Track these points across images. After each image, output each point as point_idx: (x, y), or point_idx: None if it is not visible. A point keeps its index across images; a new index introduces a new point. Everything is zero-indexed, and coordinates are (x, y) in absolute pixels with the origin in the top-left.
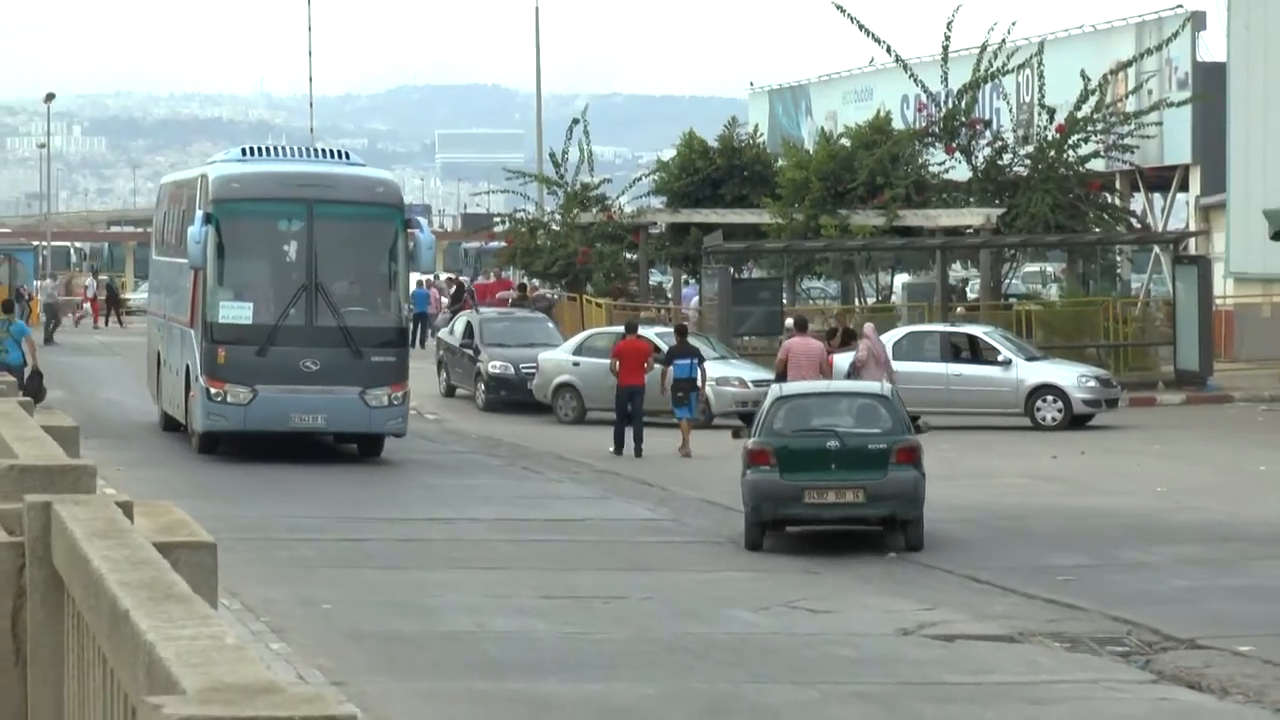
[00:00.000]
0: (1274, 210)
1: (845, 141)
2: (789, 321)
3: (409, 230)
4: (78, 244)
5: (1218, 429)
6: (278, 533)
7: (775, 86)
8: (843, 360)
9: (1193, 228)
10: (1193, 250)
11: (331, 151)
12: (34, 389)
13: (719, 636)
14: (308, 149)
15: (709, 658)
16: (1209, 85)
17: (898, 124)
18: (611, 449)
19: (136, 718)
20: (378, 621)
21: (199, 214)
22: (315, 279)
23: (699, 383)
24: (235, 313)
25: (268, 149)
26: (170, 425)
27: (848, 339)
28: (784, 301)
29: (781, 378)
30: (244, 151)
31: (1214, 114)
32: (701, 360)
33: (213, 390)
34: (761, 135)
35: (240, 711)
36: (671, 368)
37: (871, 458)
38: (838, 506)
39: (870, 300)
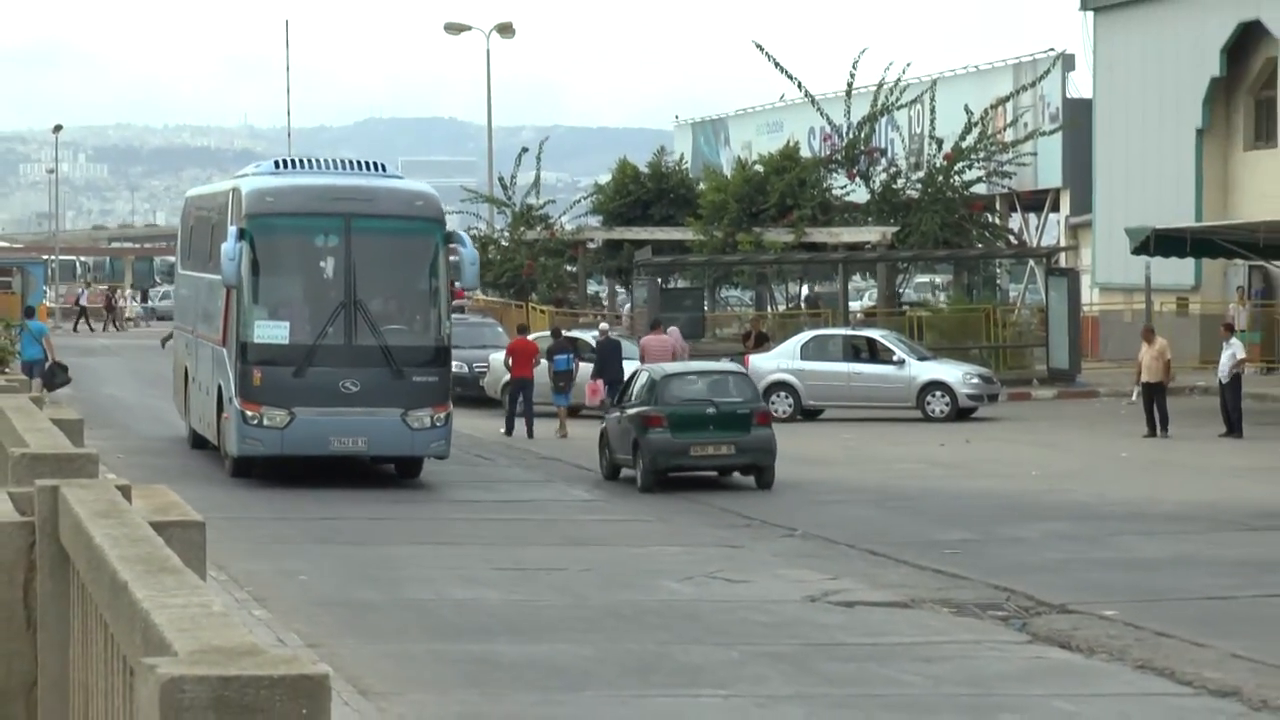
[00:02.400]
0: (1134, 228)
1: (759, 168)
2: (669, 325)
3: (450, 245)
4: (83, 258)
5: (1085, 420)
6: (260, 513)
7: (698, 119)
8: (759, 360)
9: (1063, 244)
10: (1063, 263)
11: (367, 163)
12: (53, 377)
13: (648, 603)
14: (342, 161)
15: (640, 622)
16: (1077, 118)
17: (805, 152)
18: (503, 430)
19: (134, 677)
20: (348, 591)
21: (232, 229)
22: (354, 296)
23: (574, 375)
24: (271, 332)
25: (301, 161)
26: (199, 443)
27: (760, 341)
28: (705, 308)
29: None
30: (276, 164)
31: (1081, 143)
32: (578, 356)
33: (248, 413)
34: (686, 162)
35: (226, 671)
36: (553, 361)
37: (738, 420)
38: (715, 457)
39: (780, 307)
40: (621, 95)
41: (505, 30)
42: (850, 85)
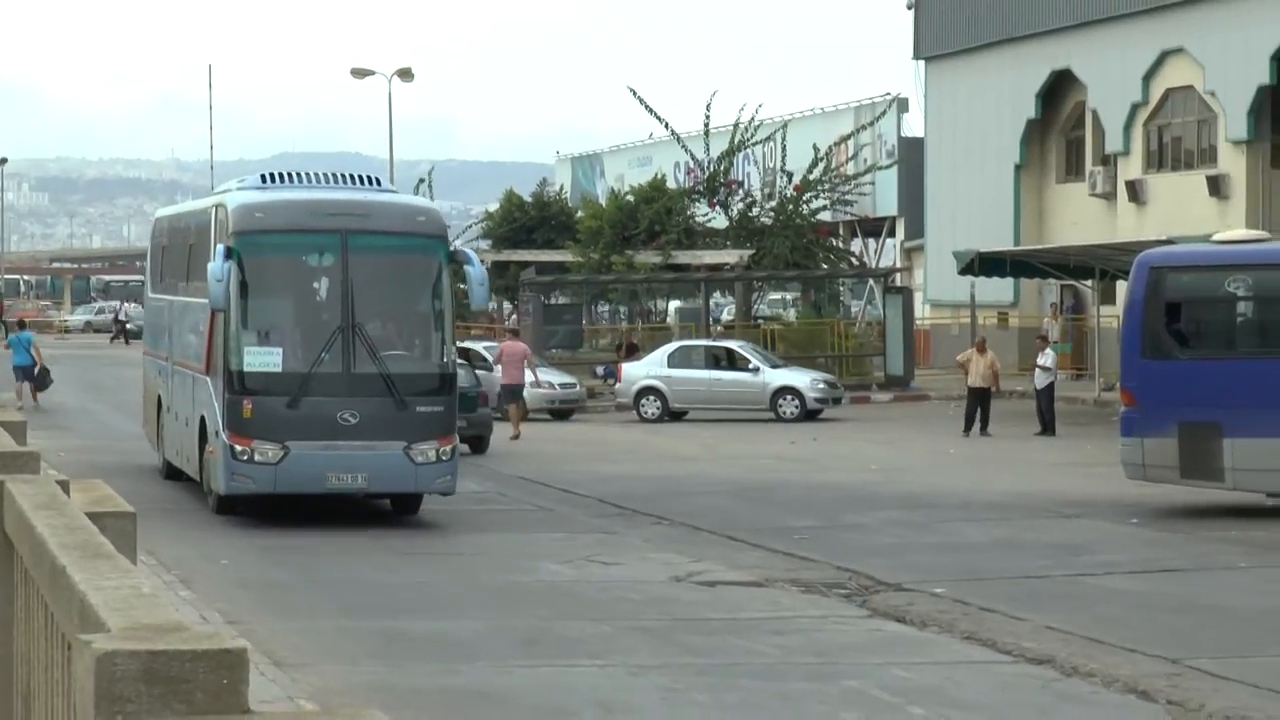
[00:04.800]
0: (960, 251)
1: (630, 198)
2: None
3: (455, 264)
4: (26, 277)
5: (918, 421)
6: (187, 504)
7: (576, 155)
8: (631, 368)
9: (898, 265)
10: (898, 282)
11: (360, 177)
12: (43, 380)
13: (532, 584)
14: (332, 174)
15: (525, 600)
16: (910, 154)
17: (671, 184)
18: None
19: (72, 651)
20: (265, 573)
21: (219, 248)
22: (352, 319)
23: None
24: (263, 359)
25: (288, 175)
26: (173, 474)
27: (632, 351)
28: (583, 322)
29: (498, 364)
30: (263, 178)
31: (914, 176)
32: (472, 365)
33: (237, 447)
34: (566, 193)
35: (154, 646)
36: None
37: (467, 401)
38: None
39: (651, 320)
40: (509, 133)
41: (405, 75)
42: (707, 124)
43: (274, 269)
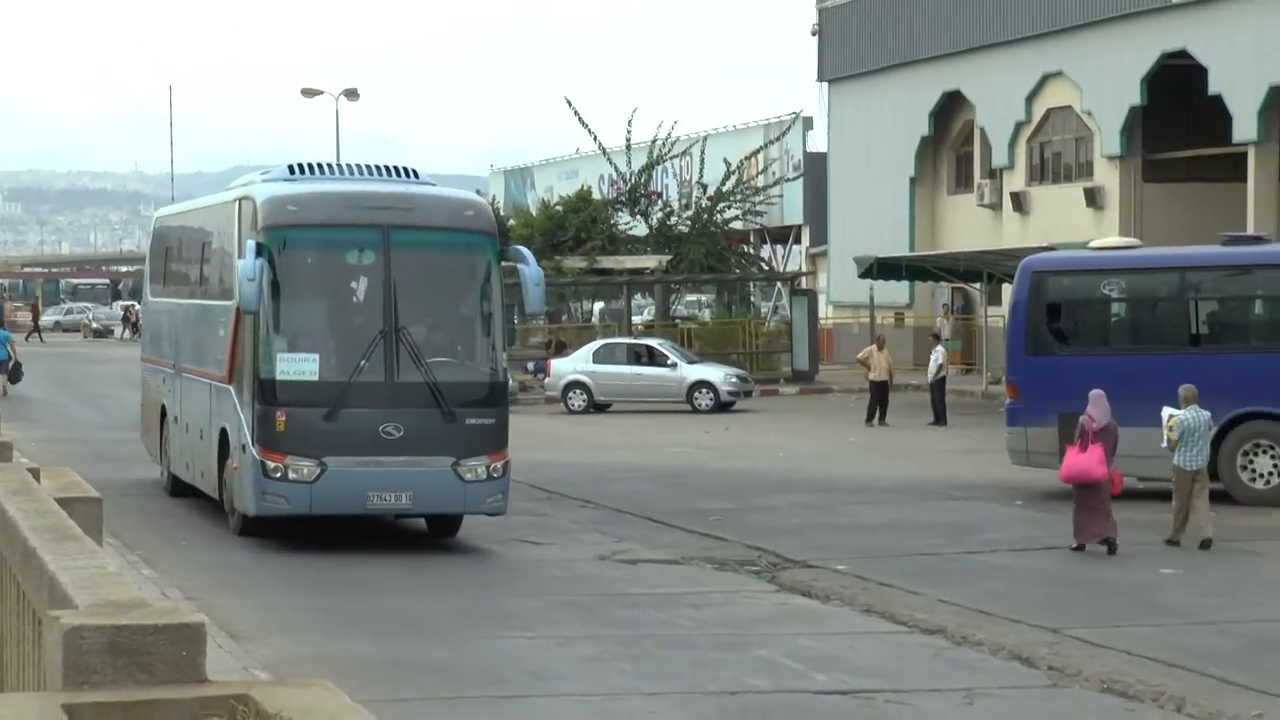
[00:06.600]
0: (860, 257)
1: (559, 208)
2: None
3: (505, 262)
4: (1, 280)
5: (822, 412)
6: (150, 490)
7: (509, 168)
8: (559, 363)
9: (804, 269)
10: (804, 285)
11: (395, 168)
12: (16, 373)
13: (470, 562)
14: (367, 166)
15: (462, 577)
16: (814, 168)
17: (596, 195)
18: None
19: (42, 626)
20: (221, 554)
21: (250, 244)
22: (395, 323)
23: None
24: (298, 367)
25: (318, 166)
26: (179, 491)
27: (560, 348)
28: (515, 321)
29: None
30: (290, 169)
31: (818, 188)
32: None
33: (269, 464)
34: (499, 203)
35: (118, 620)
36: None
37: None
38: None
39: (578, 320)
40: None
41: (351, 94)
42: (629, 140)
43: (309, 267)
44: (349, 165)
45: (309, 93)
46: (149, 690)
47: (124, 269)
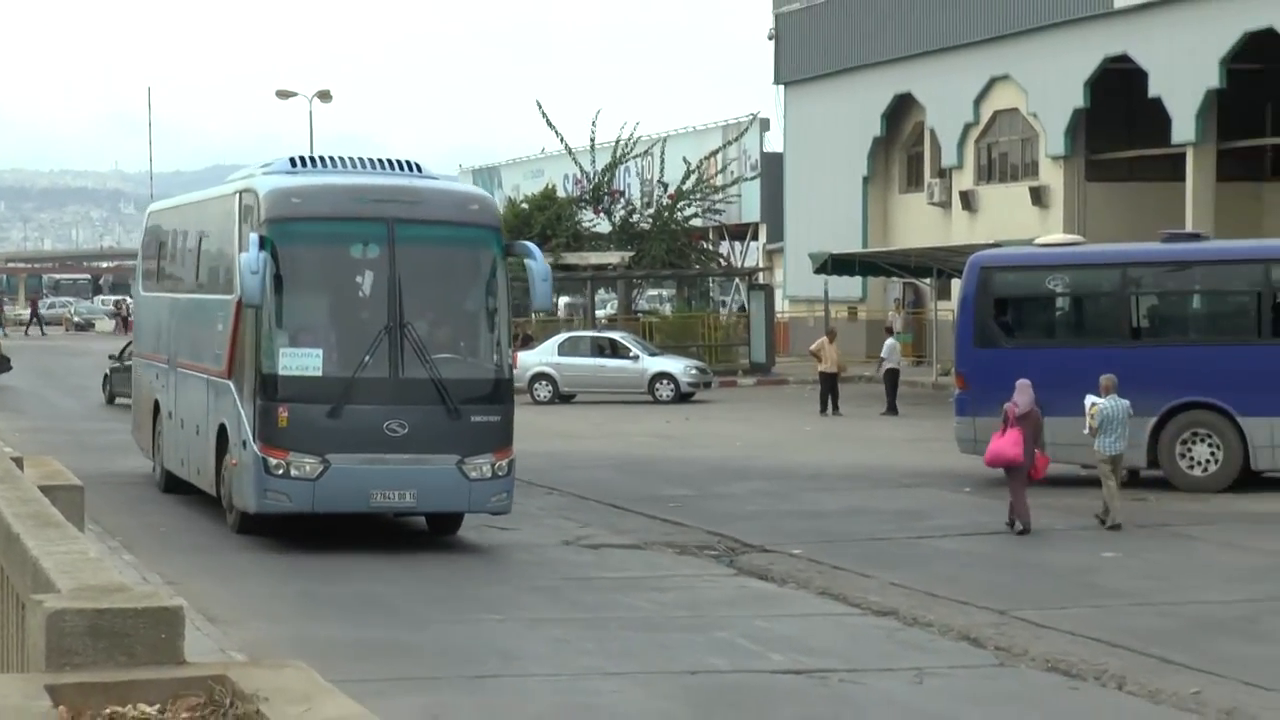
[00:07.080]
0: (815, 253)
1: (525, 205)
2: None
3: (511, 257)
4: None
5: (778, 402)
6: (131, 478)
7: (477, 167)
8: (526, 356)
9: (761, 265)
10: (761, 280)
11: (399, 162)
12: (3, 365)
13: (443, 551)
14: (370, 159)
15: (435, 564)
16: (771, 167)
17: (561, 193)
18: None
19: (25, 610)
20: (200, 540)
21: (253, 237)
22: (400, 318)
23: None
24: (301, 362)
25: (320, 159)
26: (173, 486)
27: (527, 341)
28: None
29: None
30: (292, 161)
31: (775, 187)
32: None
33: (271, 460)
34: None
35: (100, 604)
36: None
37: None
38: None
39: (544, 314)
40: (417, 147)
41: (324, 96)
42: (593, 140)
43: (312, 261)
44: (351, 158)
45: (284, 94)
46: (129, 671)
47: (104, 264)
